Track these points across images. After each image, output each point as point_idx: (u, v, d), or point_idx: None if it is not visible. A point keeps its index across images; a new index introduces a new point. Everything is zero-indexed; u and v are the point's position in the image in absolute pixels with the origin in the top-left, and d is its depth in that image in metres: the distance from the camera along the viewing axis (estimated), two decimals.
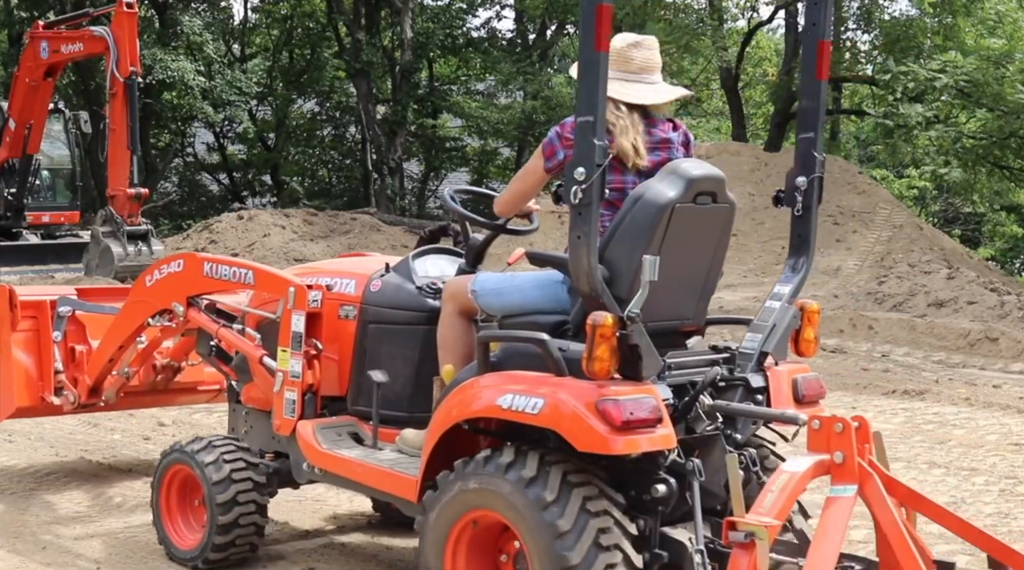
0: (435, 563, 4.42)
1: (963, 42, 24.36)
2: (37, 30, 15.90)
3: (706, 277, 4.64)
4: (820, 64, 4.64)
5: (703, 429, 4.39)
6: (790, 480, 3.91)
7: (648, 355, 4.21)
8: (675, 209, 4.30)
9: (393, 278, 5.34)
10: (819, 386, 4.73)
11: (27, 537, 5.95)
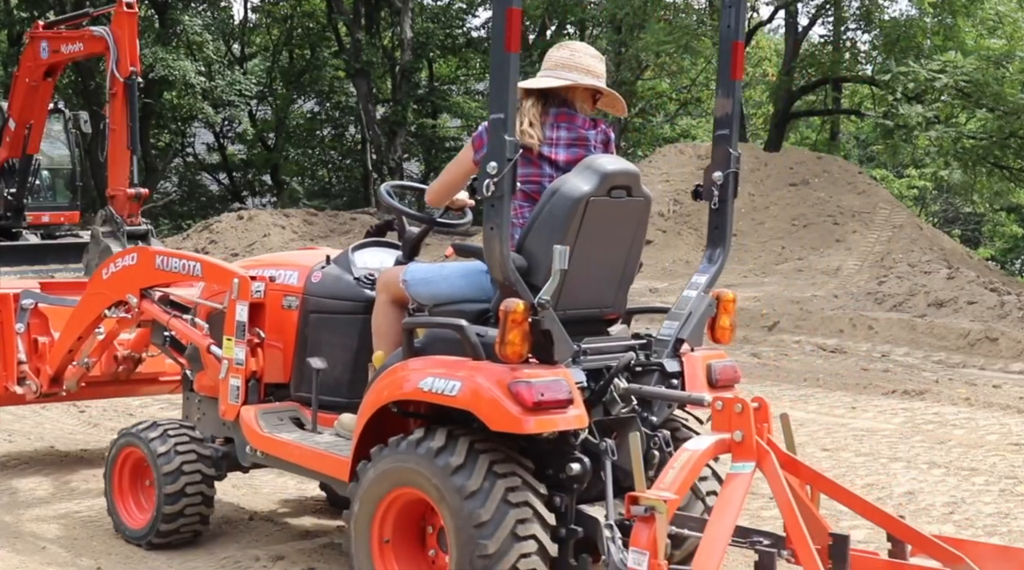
0: (363, 535, 4.62)
1: (963, 42, 24.36)
2: (37, 30, 15.88)
3: (624, 267, 4.85)
4: (735, 65, 4.88)
5: (618, 411, 4.60)
6: (691, 458, 4.10)
7: (560, 340, 4.42)
8: (590, 202, 4.52)
9: (333, 270, 5.59)
10: (733, 371, 4.93)
11: (27, 537, 5.95)
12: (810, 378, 10.53)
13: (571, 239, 4.50)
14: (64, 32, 15.78)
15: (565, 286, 4.45)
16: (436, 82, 35.57)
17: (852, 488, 4.88)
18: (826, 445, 7.84)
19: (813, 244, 20.61)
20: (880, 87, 24.57)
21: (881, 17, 26.21)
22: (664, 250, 21.13)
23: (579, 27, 35.03)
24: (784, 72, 27.86)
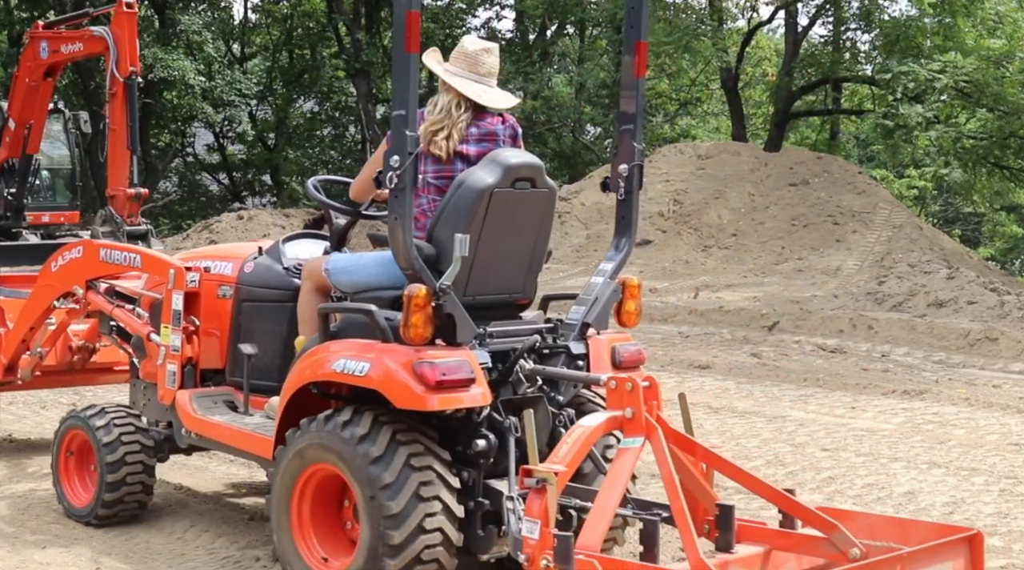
0: (282, 511, 4.91)
1: (963, 42, 24.35)
2: (37, 30, 15.86)
3: (531, 255, 5.15)
4: (638, 63, 5.17)
5: (524, 391, 4.90)
6: (583, 433, 4.38)
7: (463, 323, 4.73)
8: (494, 194, 4.83)
9: (264, 260, 5.88)
10: (638, 353, 5.20)
11: (27, 537, 5.95)
12: (810, 378, 10.52)
13: (477, 228, 4.80)
14: (64, 32, 15.77)
15: (474, 273, 4.84)
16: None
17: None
18: (826, 445, 7.84)
19: (813, 244, 20.60)
20: (880, 87, 24.55)
21: (881, 17, 26.20)
22: (664, 250, 21.13)
23: (579, 27, 35.05)
24: (784, 72, 27.84)
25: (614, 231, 5.42)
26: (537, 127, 32.57)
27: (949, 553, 4.27)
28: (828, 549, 4.36)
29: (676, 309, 14.77)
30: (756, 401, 9.49)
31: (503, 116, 5.16)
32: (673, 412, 4.70)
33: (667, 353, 11.92)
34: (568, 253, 21.22)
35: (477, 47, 5.10)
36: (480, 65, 5.07)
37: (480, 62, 5.07)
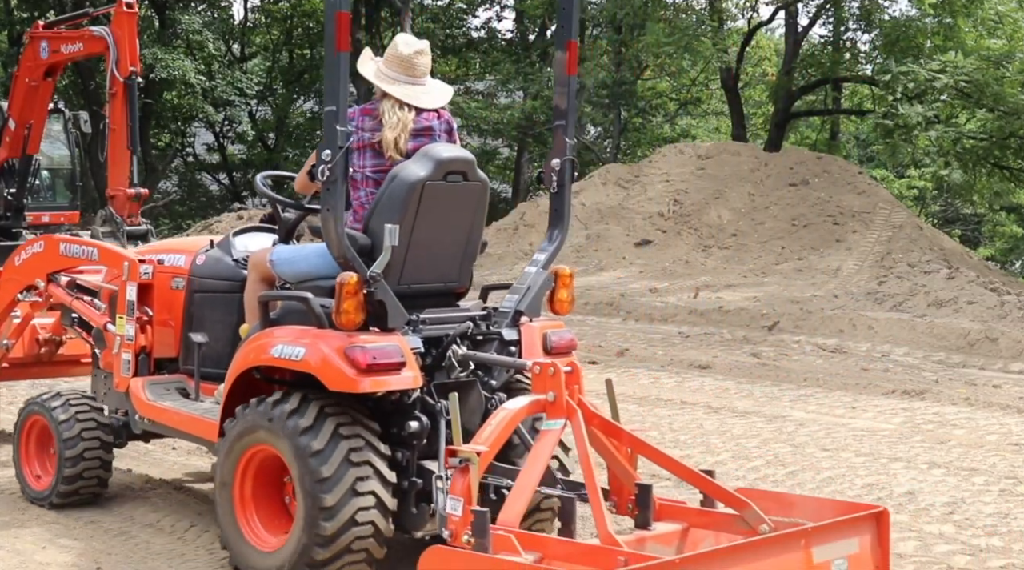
0: (226, 489, 5.18)
1: (963, 42, 24.35)
2: (37, 30, 15.86)
3: (466, 245, 5.39)
4: (570, 61, 5.44)
5: (457, 376, 5.13)
6: (506, 416, 4.63)
7: (393, 309, 4.98)
8: (426, 186, 5.07)
9: (215, 253, 6.14)
10: (569, 340, 5.44)
11: (27, 537, 5.95)
12: (810, 378, 10.52)
13: (410, 220, 5.06)
14: (64, 32, 15.77)
15: (409, 262, 5.11)
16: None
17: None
18: (826, 445, 7.84)
19: (813, 244, 20.60)
20: (880, 87, 24.55)
21: (881, 17, 26.20)
22: (664, 250, 21.12)
23: (579, 27, 35.03)
24: (784, 72, 27.84)
25: (548, 223, 5.66)
26: (537, 127, 32.55)
27: (855, 529, 4.50)
28: (741, 525, 4.57)
29: (676, 309, 14.76)
30: (756, 401, 9.49)
31: (439, 111, 5.40)
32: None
33: (667, 353, 11.92)
34: (568, 253, 21.21)
35: (411, 51, 5.31)
36: (415, 68, 5.31)
37: (415, 65, 5.30)
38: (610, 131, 33.38)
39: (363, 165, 5.24)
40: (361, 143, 5.23)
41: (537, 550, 4.19)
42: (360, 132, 5.22)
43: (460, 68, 36.61)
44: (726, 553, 4.18)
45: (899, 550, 5.67)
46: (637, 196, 23.04)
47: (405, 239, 5.04)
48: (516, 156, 35.10)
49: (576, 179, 26.05)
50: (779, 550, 4.27)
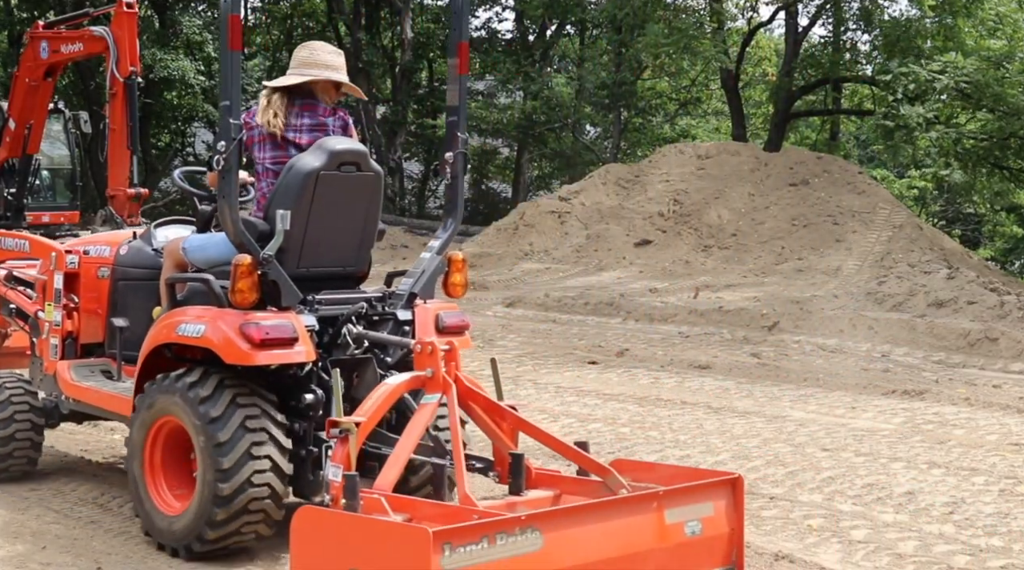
0: (138, 455, 5.62)
1: (963, 43, 24.35)
2: (37, 30, 15.88)
3: (362, 232, 5.78)
4: (461, 62, 5.89)
5: (352, 353, 5.54)
6: (386, 391, 5.02)
7: (287, 289, 5.40)
8: (320, 176, 5.47)
9: (137, 244, 6.57)
10: (460, 320, 5.86)
11: (27, 537, 5.95)
12: (810, 378, 10.52)
13: (305, 207, 5.46)
14: (64, 32, 15.78)
15: (307, 247, 5.52)
16: (436, 82, 35.56)
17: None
18: (826, 445, 7.84)
19: (813, 244, 20.59)
20: (880, 88, 24.55)
21: (881, 17, 26.20)
22: (664, 250, 21.12)
23: (579, 27, 35.02)
24: (784, 72, 27.84)
25: (443, 211, 6.18)
26: (537, 127, 32.54)
27: (709, 494, 4.87)
28: (604, 491, 4.92)
29: (676, 309, 14.77)
30: (756, 401, 9.49)
31: (334, 109, 5.84)
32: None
33: (667, 353, 11.92)
34: (568, 253, 21.21)
35: (303, 53, 5.84)
36: (293, 58, 5.83)
37: (294, 56, 5.82)
38: (610, 131, 33.38)
39: (263, 157, 5.71)
40: (261, 137, 5.72)
41: (406, 511, 4.56)
42: (259, 127, 5.71)
43: None
44: (571, 511, 4.57)
45: (899, 550, 5.68)
46: (637, 196, 23.04)
47: (302, 225, 5.45)
48: (516, 156, 35.09)
49: (578, 179, 26.09)
50: (630, 511, 4.66)
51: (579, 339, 12.89)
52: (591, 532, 4.52)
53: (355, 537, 4.30)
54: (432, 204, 36.46)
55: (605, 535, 4.55)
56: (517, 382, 10.21)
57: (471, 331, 5.97)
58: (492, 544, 4.21)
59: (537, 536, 4.34)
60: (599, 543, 4.53)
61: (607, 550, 4.56)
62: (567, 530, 4.44)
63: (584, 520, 4.52)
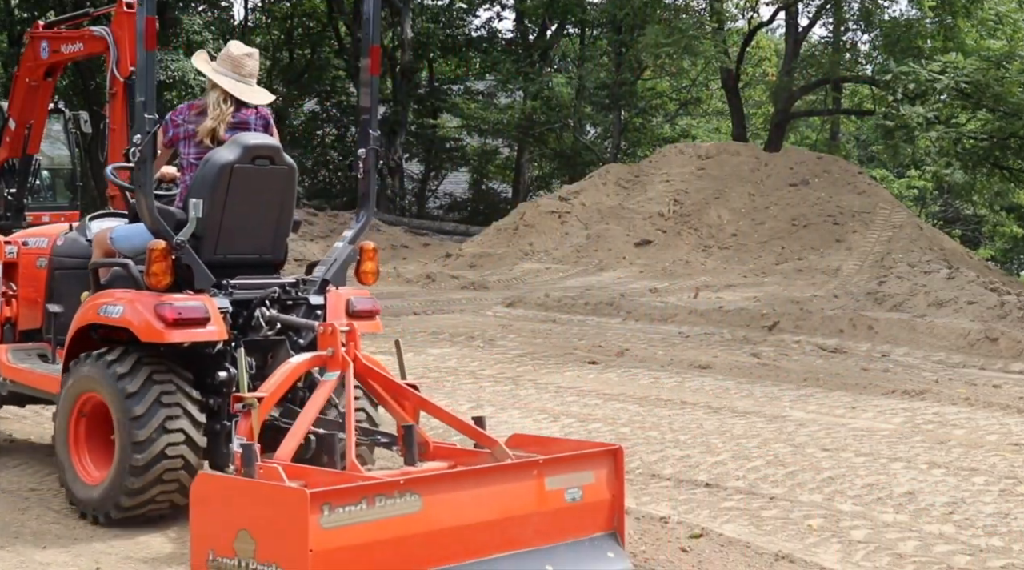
0: (63, 427, 6.02)
1: (963, 43, 24.36)
2: (37, 30, 15.85)
3: (277, 222, 6.17)
4: (372, 64, 6.34)
5: (265, 334, 5.92)
6: (288, 368, 5.46)
7: (199, 273, 5.84)
8: (235, 169, 5.86)
9: (72, 235, 6.97)
10: (371, 304, 6.20)
11: (27, 537, 5.95)
12: (810, 378, 10.52)
13: (221, 198, 5.86)
14: (64, 32, 15.78)
15: (223, 235, 5.93)
16: (436, 82, 35.56)
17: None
18: (826, 445, 7.84)
19: (813, 244, 20.60)
20: (880, 88, 24.56)
21: (881, 18, 26.21)
22: (664, 250, 21.13)
23: (579, 27, 35.03)
24: (784, 72, 27.85)
25: (357, 204, 6.56)
26: (537, 127, 32.54)
27: (590, 463, 5.20)
28: (491, 460, 5.26)
29: (676, 309, 14.77)
30: (756, 401, 9.49)
31: (256, 109, 6.23)
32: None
33: (667, 353, 11.92)
34: (568, 253, 21.22)
35: (240, 52, 6.16)
36: (243, 67, 6.14)
37: (243, 64, 6.14)
38: (610, 131, 33.38)
39: (188, 153, 6.11)
40: (188, 134, 6.10)
41: (301, 478, 4.82)
42: (187, 125, 6.09)
43: (460, 68, 36.61)
44: (450, 477, 4.93)
45: (899, 550, 5.68)
46: (637, 196, 23.05)
47: (218, 215, 5.87)
48: (516, 156, 35.09)
49: (578, 179, 26.11)
50: (509, 478, 5.01)
51: (579, 339, 12.89)
52: (470, 496, 4.85)
53: (243, 500, 4.64)
54: (432, 204, 36.46)
55: (484, 499, 4.88)
56: (517, 382, 10.21)
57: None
58: (371, 505, 4.53)
59: (416, 499, 4.67)
60: (478, 506, 4.86)
61: (486, 513, 4.88)
62: (446, 494, 4.78)
63: (463, 485, 4.86)
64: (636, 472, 7.11)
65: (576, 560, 5.07)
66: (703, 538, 5.73)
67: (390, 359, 5.93)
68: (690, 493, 6.66)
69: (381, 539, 4.57)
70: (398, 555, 4.62)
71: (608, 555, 5.20)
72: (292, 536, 4.42)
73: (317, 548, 4.38)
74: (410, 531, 4.64)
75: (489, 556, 4.86)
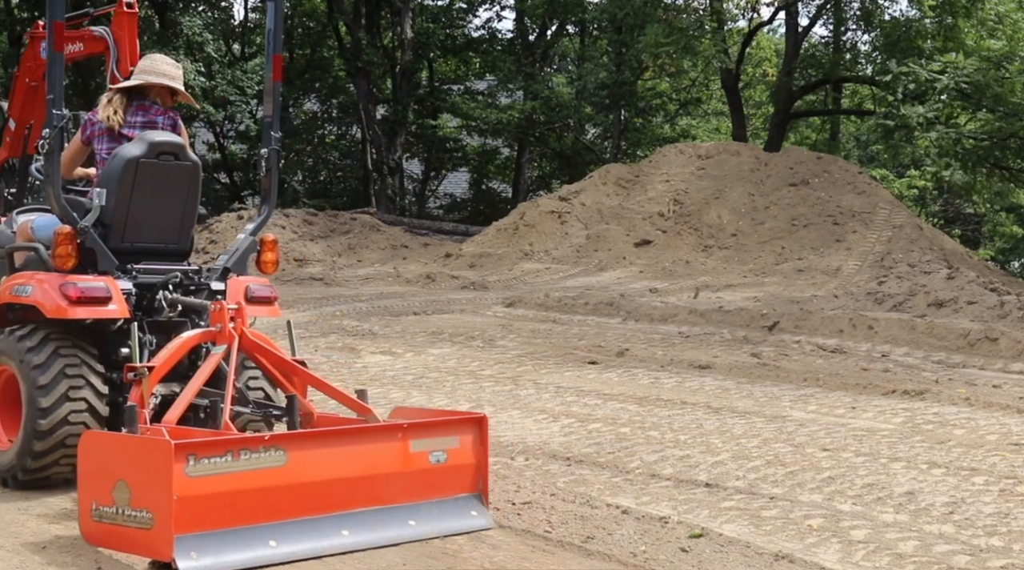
0: None
1: (963, 43, 24.37)
2: (37, 30, 15.85)
3: (182, 214, 6.74)
4: (275, 72, 7.00)
5: (168, 315, 6.53)
6: (179, 341, 6.10)
7: (103, 256, 6.41)
8: (140, 163, 6.46)
9: (1, 227, 7.51)
10: (269, 291, 6.73)
11: (27, 537, 5.95)
12: (810, 378, 10.52)
13: (127, 189, 6.45)
14: (64, 32, 15.75)
15: (130, 224, 6.52)
16: (436, 82, 35.55)
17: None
18: (826, 445, 7.84)
19: (813, 244, 20.60)
20: (880, 88, 24.56)
21: (881, 18, 26.21)
22: (664, 250, 21.13)
23: (579, 27, 35.03)
24: (784, 72, 27.85)
25: (260, 199, 7.15)
26: (537, 127, 32.54)
27: (455, 429, 5.75)
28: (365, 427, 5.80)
29: (676, 309, 14.77)
30: (756, 401, 9.49)
31: (166, 110, 6.84)
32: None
33: (667, 353, 11.92)
34: (568, 253, 21.22)
35: (159, 56, 6.98)
36: (137, 67, 6.94)
37: (156, 69, 6.85)
38: (610, 131, 33.38)
39: (101, 149, 6.72)
40: (101, 131, 6.76)
41: (182, 438, 5.25)
42: (100, 123, 6.77)
43: (460, 68, 36.60)
44: (315, 435, 5.50)
45: (899, 550, 5.68)
46: (637, 196, 23.05)
47: (124, 205, 6.45)
48: (516, 156, 35.09)
49: (578, 179, 26.10)
50: (374, 439, 5.56)
51: (579, 339, 12.89)
52: (334, 454, 5.36)
53: (120, 453, 5.22)
54: (432, 204, 36.46)
55: (348, 457, 5.40)
56: (517, 382, 10.21)
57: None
58: (236, 458, 5.06)
59: (281, 454, 5.18)
60: (342, 463, 5.36)
61: (350, 470, 5.38)
62: (310, 451, 5.30)
63: (327, 444, 5.40)
64: (636, 472, 7.12)
65: (439, 517, 5.58)
66: (703, 538, 5.73)
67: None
68: (690, 493, 6.66)
69: (245, 489, 5.08)
70: (262, 504, 5.13)
71: (471, 514, 5.71)
72: (160, 483, 4.93)
73: (182, 494, 4.90)
74: (274, 483, 5.15)
75: (353, 510, 5.35)
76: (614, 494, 6.58)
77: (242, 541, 5.07)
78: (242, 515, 5.07)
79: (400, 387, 9.96)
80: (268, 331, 8.58)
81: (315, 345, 12.30)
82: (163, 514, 4.93)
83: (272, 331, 11.92)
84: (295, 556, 5.17)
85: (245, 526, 5.09)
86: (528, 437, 8.06)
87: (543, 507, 6.25)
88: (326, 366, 11.06)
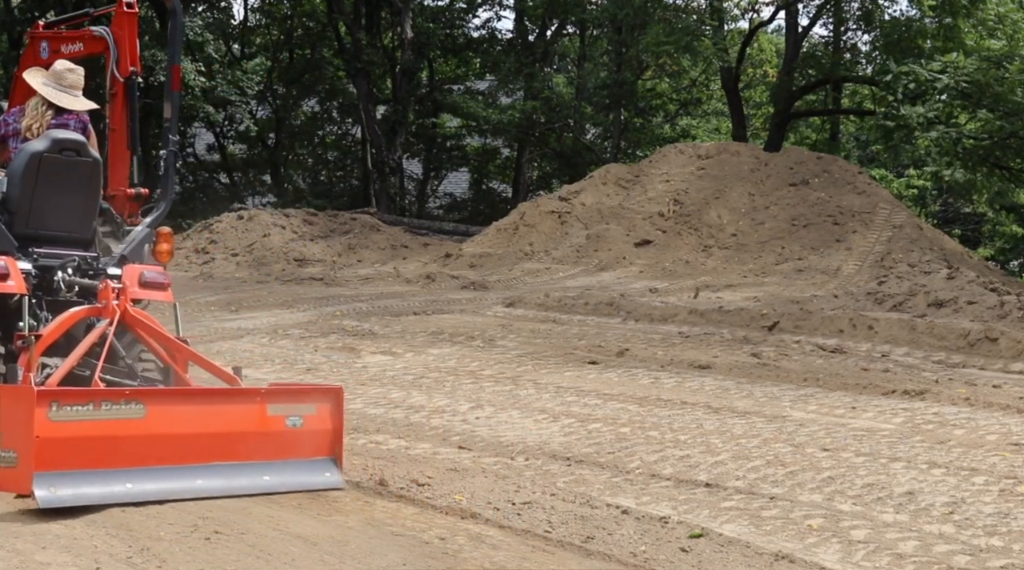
0: None
1: (963, 43, 24.36)
2: (37, 30, 15.83)
3: (84, 205, 7.37)
4: (174, 81, 7.99)
5: (66, 295, 7.08)
6: (67, 315, 6.71)
7: (2, 237, 6.99)
8: (43, 158, 7.07)
9: None
10: (163, 278, 7.36)
11: (27, 537, 5.94)
12: (810, 378, 10.52)
13: (31, 181, 7.05)
14: (64, 32, 15.75)
15: (34, 213, 7.11)
16: (436, 82, 35.55)
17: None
18: (826, 445, 7.84)
19: (813, 244, 20.60)
20: (880, 88, 24.56)
21: (881, 18, 26.21)
22: (664, 250, 21.13)
23: (579, 27, 35.03)
24: (784, 72, 27.86)
25: (158, 196, 8.00)
26: (537, 127, 32.54)
27: (311, 397, 6.41)
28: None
29: (676, 309, 14.77)
30: (756, 401, 9.49)
31: (77, 115, 7.49)
32: None
33: (667, 353, 11.92)
34: (568, 253, 21.22)
35: (63, 67, 7.59)
36: (63, 79, 7.51)
37: (64, 77, 7.51)
38: (610, 131, 33.38)
39: (13, 147, 7.31)
40: (15, 131, 7.35)
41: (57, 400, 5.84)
42: (15, 124, 7.35)
43: (460, 68, 36.60)
44: (174, 392, 6.29)
45: (899, 550, 5.68)
46: (637, 196, 23.04)
47: (28, 195, 7.04)
48: (516, 156, 35.09)
49: (577, 179, 26.10)
50: (232, 400, 6.30)
51: (579, 339, 12.89)
52: (193, 411, 6.04)
53: None
54: (432, 204, 36.46)
55: (206, 415, 6.07)
56: (517, 382, 10.21)
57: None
58: (97, 408, 5.72)
59: (141, 407, 5.84)
60: (200, 420, 6.02)
61: (207, 427, 6.02)
62: (169, 406, 5.98)
63: (186, 401, 6.12)
64: (636, 472, 7.12)
65: (294, 474, 6.22)
66: (703, 538, 5.74)
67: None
68: (690, 493, 6.66)
69: (104, 435, 5.74)
70: (121, 451, 5.77)
71: (325, 474, 6.33)
72: (24, 425, 5.62)
73: (43, 435, 5.59)
74: (133, 433, 5.80)
75: (209, 463, 6.01)
76: (614, 494, 6.58)
77: (100, 480, 5.80)
78: (102, 459, 5.76)
79: (400, 387, 9.96)
80: (266, 335, 8.55)
81: (315, 345, 12.29)
82: (26, 452, 5.66)
83: (269, 333, 11.90)
84: (149, 496, 5.88)
85: (104, 469, 5.80)
86: (528, 437, 8.06)
87: (543, 507, 6.25)
88: (326, 366, 11.07)
